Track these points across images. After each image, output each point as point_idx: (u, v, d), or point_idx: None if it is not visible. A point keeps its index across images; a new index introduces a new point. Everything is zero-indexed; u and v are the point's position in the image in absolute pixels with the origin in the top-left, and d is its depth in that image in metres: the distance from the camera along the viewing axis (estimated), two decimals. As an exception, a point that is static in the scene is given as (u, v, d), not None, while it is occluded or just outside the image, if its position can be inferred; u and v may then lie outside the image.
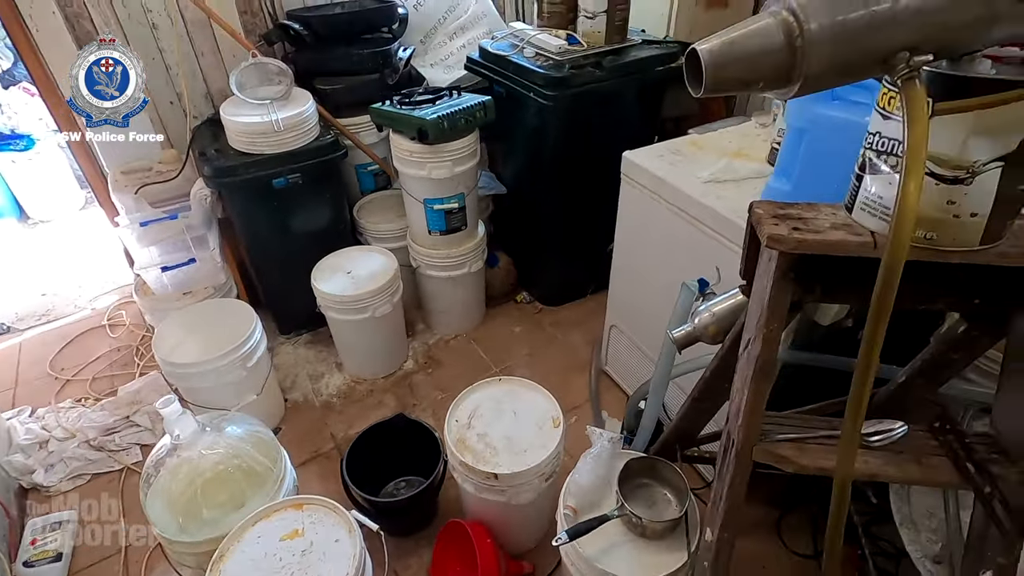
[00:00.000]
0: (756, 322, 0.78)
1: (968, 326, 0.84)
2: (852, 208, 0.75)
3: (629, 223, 1.72)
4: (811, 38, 0.55)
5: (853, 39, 0.55)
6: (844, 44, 0.55)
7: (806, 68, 0.56)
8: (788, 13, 0.56)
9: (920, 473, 0.78)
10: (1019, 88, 0.58)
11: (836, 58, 0.56)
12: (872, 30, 0.55)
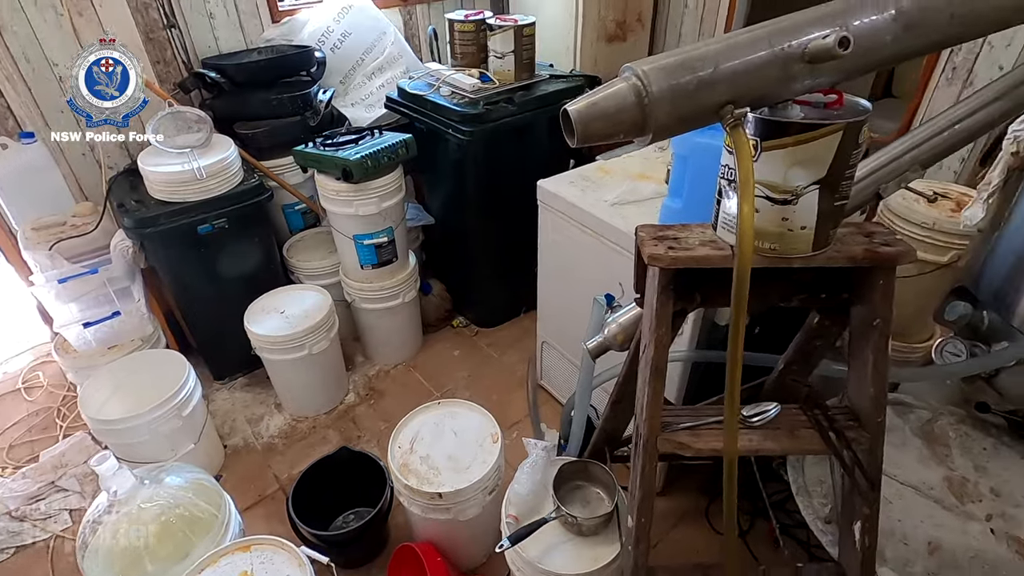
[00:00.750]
0: (648, 329, 0.91)
1: (821, 317, 1.01)
2: (716, 226, 0.89)
3: (549, 245, 1.85)
4: (654, 98, 0.68)
5: (687, 98, 0.69)
6: (681, 101, 0.69)
7: (654, 121, 0.69)
8: (636, 79, 0.69)
9: (792, 444, 0.93)
10: (821, 128, 0.74)
11: (676, 112, 0.69)
12: (700, 90, 0.69)
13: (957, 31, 0.76)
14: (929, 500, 1.23)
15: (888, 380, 0.92)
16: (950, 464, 1.31)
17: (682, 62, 0.69)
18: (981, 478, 1.28)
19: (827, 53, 0.68)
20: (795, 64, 0.70)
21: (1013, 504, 1.22)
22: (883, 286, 0.87)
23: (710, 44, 0.71)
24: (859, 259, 0.84)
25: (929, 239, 1.67)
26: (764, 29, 0.71)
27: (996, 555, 1.13)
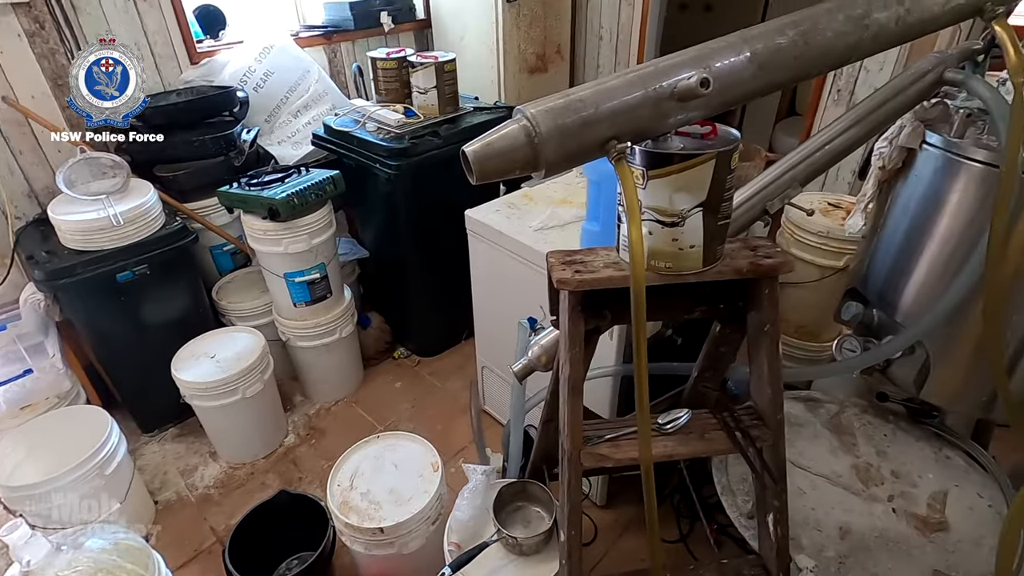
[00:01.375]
0: (563, 349, 0.96)
1: (722, 326, 1.09)
2: (619, 249, 0.96)
3: (481, 272, 1.90)
4: (543, 138, 0.74)
5: (572, 136, 0.75)
6: (567, 139, 0.75)
7: (544, 159, 0.75)
8: (526, 120, 0.75)
9: (704, 447, 1.00)
10: (698, 157, 0.83)
11: (564, 149, 0.76)
12: (584, 129, 0.75)
13: (804, 69, 0.87)
14: (839, 488, 1.34)
15: (782, 380, 1.01)
16: (856, 452, 1.42)
17: (567, 104, 0.76)
18: (883, 462, 1.40)
19: (692, 92, 0.76)
20: (666, 102, 0.78)
21: (910, 484, 1.34)
22: (769, 294, 0.96)
23: (592, 87, 0.78)
24: (745, 271, 0.92)
25: (826, 246, 1.83)
26: (638, 72, 0.79)
27: (898, 532, 1.23)
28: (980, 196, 1.16)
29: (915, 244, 1.31)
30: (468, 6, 2.78)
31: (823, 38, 0.85)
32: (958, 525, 1.24)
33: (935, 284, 1.27)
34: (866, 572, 1.15)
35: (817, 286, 1.87)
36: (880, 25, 0.88)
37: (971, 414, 1.49)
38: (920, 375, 1.35)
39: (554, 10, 2.90)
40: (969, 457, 1.40)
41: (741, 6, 4.26)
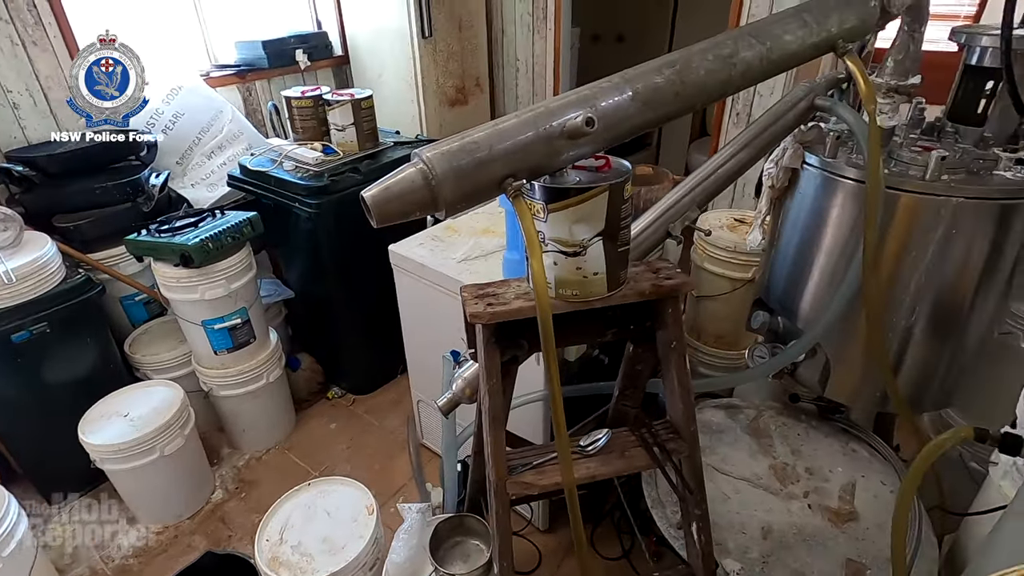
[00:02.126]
0: (482, 381, 0.98)
1: (635, 346, 1.14)
2: (529, 280, 0.99)
3: (408, 306, 1.89)
4: (440, 179, 0.76)
5: (468, 176, 0.78)
6: (463, 180, 0.78)
7: (443, 199, 0.77)
8: (423, 164, 0.77)
9: (624, 464, 1.03)
10: (592, 190, 0.87)
11: (461, 190, 0.78)
12: (479, 169, 0.78)
13: (684, 103, 0.94)
14: (760, 489, 1.41)
15: (693, 393, 1.06)
16: (773, 453, 1.51)
17: (461, 146, 0.79)
18: (798, 461, 1.48)
19: (579, 130, 0.81)
20: (557, 140, 0.83)
21: (823, 479, 1.43)
22: (672, 313, 1.01)
23: (487, 128, 0.82)
24: (647, 293, 0.97)
25: (734, 259, 1.95)
26: (530, 113, 0.83)
27: (814, 526, 1.31)
28: (855, 210, 1.27)
29: (806, 255, 1.42)
30: (385, 42, 2.82)
31: (697, 76, 0.92)
32: (865, 513, 1.33)
33: (826, 291, 1.38)
34: (787, 569, 1.21)
35: (730, 298, 1.99)
36: (747, 63, 0.97)
37: (871, 409, 1.61)
38: (823, 375, 1.45)
39: (470, 44, 2.98)
40: (872, 448, 1.51)
41: (650, 37, 4.53)
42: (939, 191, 1.15)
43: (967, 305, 1.28)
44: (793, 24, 1.00)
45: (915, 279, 1.25)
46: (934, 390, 1.41)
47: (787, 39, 1.00)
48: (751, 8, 2.37)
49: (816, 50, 1.05)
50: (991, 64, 1.21)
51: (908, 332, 1.32)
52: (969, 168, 1.18)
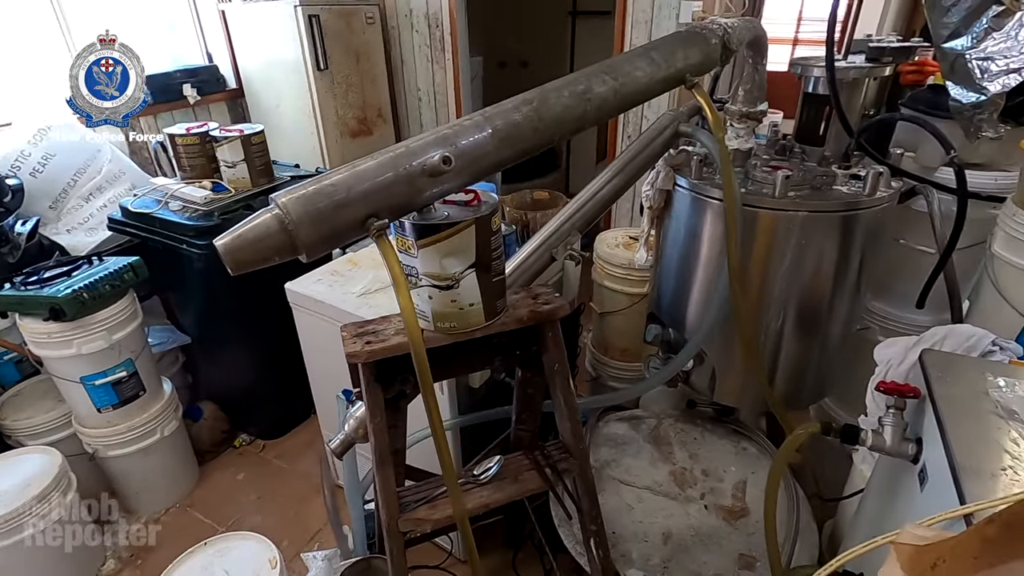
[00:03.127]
0: (368, 421, 0.96)
1: (523, 371, 1.17)
2: (408, 315, 0.99)
3: (310, 344, 1.84)
4: (297, 224, 0.76)
5: (328, 219, 0.78)
6: (323, 223, 0.78)
7: (302, 243, 0.77)
8: (278, 209, 0.76)
9: (517, 490, 1.05)
10: (458, 225, 0.89)
11: (320, 232, 0.78)
12: (339, 211, 0.79)
13: (544, 138, 0.98)
14: (660, 496, 1.46)
15: (578, 412, 1.10)
16: (673, 459, 1.58)
17: (318, 190, 0.79)
18: (695, 464, 1.56)
19: (438, 169, 0.83)
20: (420, 179, 0.84)
21: (717, 480, 1.51)
22: (552, 337, 1.05)
23: (345, 170, 0.82)
24: (526, 320, 1.00)
25: (630, 276, 2.04)
26: (390, 154, 0.85)
27: (710, 526, 1.37)
28: (722, 226, 1.38)
29: (686, 270, 1.51)
30: (280, 74, 2.77)
31: (554, 112, 0.97)
32: (755, 508, 1.42)
33: (706, 302, 1.47)
34: (686, 571, 1.27)
35: (630, 312, 2.08)
36: (602, 98, 1.03)
37: (757, 408, 1.73)
38: (711, 381, 1.54)
39: (369, 75, 2.98)
40: (760, 446, 1.62)
41: (552, 62, 4.72)
42: (787, 207, 1.26)
43: (826, 306, 1.41)
44: (642, 61, 1.08)
45: (778, 285, 1.37)
46: (808, 385, 1.53)
47: (637, 75, 1.08)
48: (632, 37, 2.53)
49: (666, 84, 1.14)
50: (825, 92, 1.36)
51: (779, 334, 1.43)
52: (812, 184, 1.31)
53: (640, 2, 2.40)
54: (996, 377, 0.87)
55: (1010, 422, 0.80)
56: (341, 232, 0.81)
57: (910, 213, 1.47)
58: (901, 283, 1.62)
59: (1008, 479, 0.71)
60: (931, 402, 0.85)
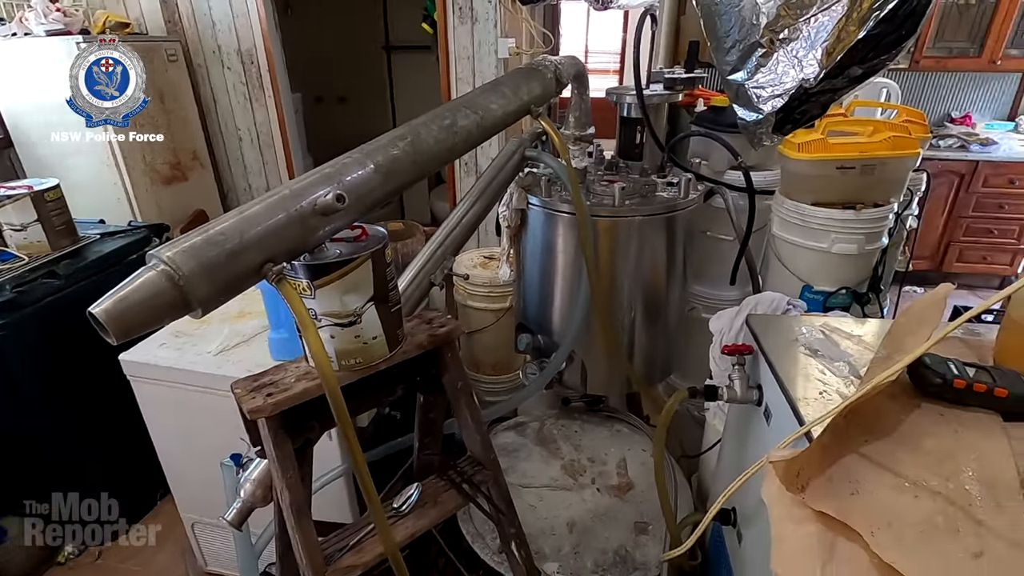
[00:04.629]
0: (277, 477, 0.91)
1: (424, 396, 1.19)
2: (307, 359, 0.97)
3: (158, 418, 1.63)
4: (189, 278, 0.71)
5: (222, 269, 0.75)
6: (217, 274, 0.74)
7: (196, 298, 0.72)
8: (164, 264, 0.71)
9: (440, 512, 1.06)
10: (355, 261, 0.90)
11: (216, 284, 0.74)
12: (233, 259, 0.75)
13: (422, 169, 1.04)
14: (558, 490, 1.57)
15: (485, 424, 1.15)
16: (561, 455, 1.70)
17: (207, 239, 0.75)
18: (581, 454, 1.70)
19: (331, 207, 0.84)
20: (311, 219, 0.84)
21: (603, 463, 1.66)
22: (452, 357, 1.09)
23: (232, 217, 0.79)
24: (426, 345, 1.04)
25: (492, 293, 2.16)
26: (277, 196, 0.83)
27: (605, 505, 1.52)
28: (574, 236, 1.55)
29: (547, 279, 1.66)
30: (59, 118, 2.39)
31: (428, 146, 1.04)
32: (638, 480, 1.60)
33: (569, 306, 1.63)
34: (594, 550, 1.39)
35: (496, 327, 2.19)
36: (467, 131, 1.12)
37: (622, 392, 1.95)
38: (583, 376, 1.71)
39: (177, 116, 2.73)
40: (631, 425, 1.83)
41: (372, 97, 4.73)
42: (625, 214, 1.47)
43: (664, 293, 1.65)
44: (495, 95, 1.20)
45: (626, 282, 1.57)
46: (659, 364, 1.78)
47: (493, 108, 1.19)
48: (457, 71, 2.69)
49: (517, 115, 1.27)
50: (637, 115, 1.61)
51: (632, 324, 1.64)
52: (640, 193, 1.54)
53: (461, 39, 2.57)
54: (799, 327, 1.13)
55: (815, 359, 1.04)
56: (237, 281, 0.77)
57: (711, 210, 1.80)
58: (712, 267, 1.96)
59: (825, 400, 0.93)
60: (762, 354, 1.08)
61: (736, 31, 0.99)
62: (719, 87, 1.64)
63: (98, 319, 0.67)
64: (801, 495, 0.76)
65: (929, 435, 0.84)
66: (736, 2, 0.95)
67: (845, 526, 0.71)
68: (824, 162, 1.48)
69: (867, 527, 0.70)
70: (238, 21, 2.74)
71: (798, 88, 0.98)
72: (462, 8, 2.49)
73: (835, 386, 0.96)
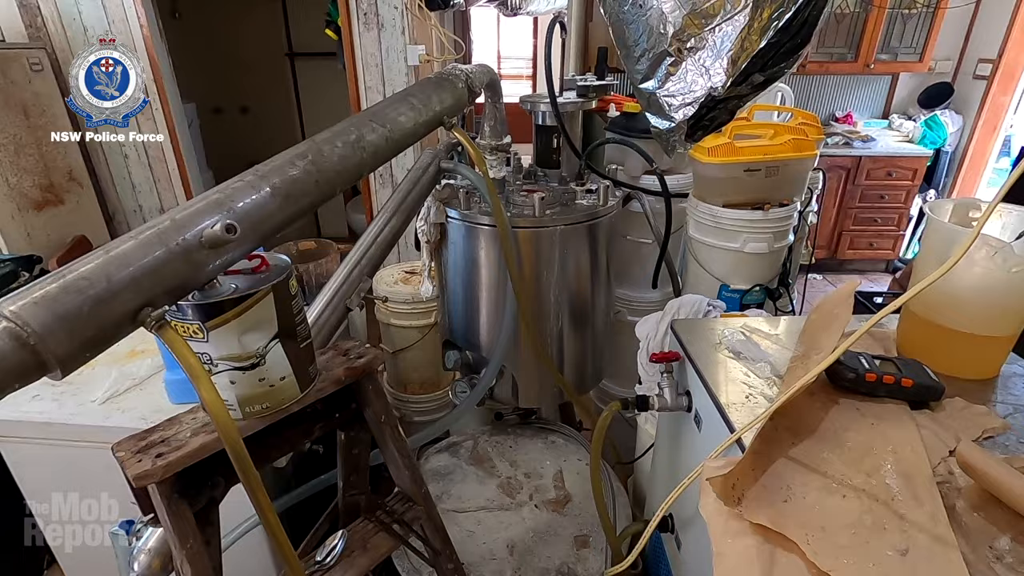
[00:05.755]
0: (176, 548, 0.80)
1: (345, 432, 1.10)
2: (205, 408, 0.86)
3: (36, 482, 1.42)
4: (42, 335, 0.59)
5: (88, 320, 0.63)
6: (82, 326, 0.63)
7: (54, 356, 0.61)
8: (8, 322, 0.59)
9: (371, 558, 0.99)
10: (254, 295, 0.81)
11: (80, 338, 0.63)
12: (100, 307, 0.64)
13: (328, 189, 0.95)
14: (496, 511, 1.52)
15: (414, 457, 1.08)
16: (497, 472, 1.65)
17: (65, 286, 0.63)
18: (517, 470, 1.66)
19: (220, 239, 0.74)
20: (198, 253, 0.74)
21: (539, 477, 1.63)
22: (373, 389, 1.02)
23: (97, 257, 0.68)
24: (344, 380, 0.96)
25: (416, 310, 2.08)
26: (154, 230, 0.72)
27: (545, 522, 1.48)
28: (496, 248, 1.51)
29: (471, 293, 1.61)
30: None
31: (331, 163, 0.95)
32: (576, 491, 1.58)
33: (495, 319, 1.59)
34: (537, 570, 1.35)
35: (422, 344, 2.11)
36: (375, 145, 1.05)
37: (553, 404, 1.93)
38: (514, 390, 1.67)
39: (47, 133, 2.43)
40: (565, 435, 1.81)
41: (277, 106, 4.47)
42: (547, 223, 1.45)
43: (589, 301, 1.64)
44: (404, 107, 1.13)
45: (552, 292, 1.55)
46: (589, 371, 1.77)
47: (402, 120, 1.12)
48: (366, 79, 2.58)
49: (428, 127, 1.21)
50: (552, 123, 1.60)
51: (560, 333, 1.62)
52: (560, 202, 1.53)
53: (368, 46, 2.46)
54: (722, 329, 1.14)
55: (738, 361, 1.06)
56: (107, 333, 0.66)
57: (629, 214, 1.82)
58: (633, 270, 1.99)
59: (751, 403, 0.94)
60: (689, 360, 1.08)
61: (645, 40, 0.98)
62: (631, 92, 1.66)
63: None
64: (738, 508, 0.75)
65: (850, 430, 0.87)
66: (643, 12, 0.95)
67: (782, 536, 0.71)
68: (732, 165, 1.53)
69: (802, 535, 0.70)
70: (115, 27, 2.48)
71: (707, 96, 0.98)
72: (367, 14, 2.38)
73: (759, 388, 0.98)
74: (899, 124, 4.28)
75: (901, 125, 4.26)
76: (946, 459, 0.82)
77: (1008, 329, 0.98)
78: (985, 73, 4.01)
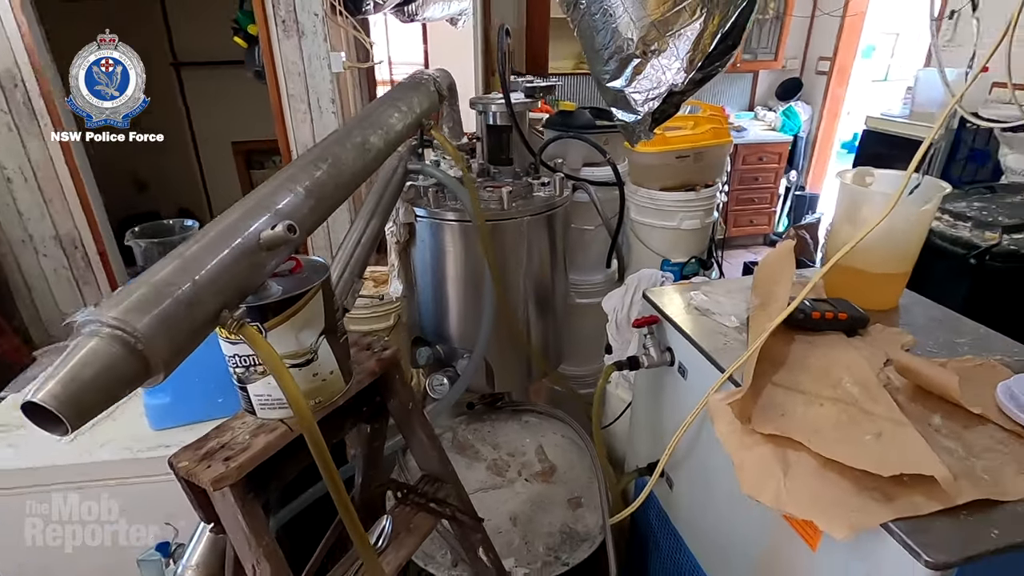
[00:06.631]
0: (249, 549, 0.81)
1: (371, 426, 1.14)
2: (255, 411, 0.87)
3: None
4: (148, 339, 0.61)
5: (181, 321, 0.65)
6: (177, 329, 0.64)
7: (158, 360, 0.62)
8: (113, 328, 0.60)
9: (417, 538, 1.04)
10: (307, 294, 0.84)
11: (178, 338, 0.64)
12: (191, 310, 0.66)
13: (344, 193, 1.00)
14: (490, 490, 1.61)
15: (438, 439, 1.15)
16: (482, 457, 1.74)
17: (155, 292, 0.64)
18: (500, 452, 1.76)
19: (281, 239, 0.77)
20: (257, 255, 0.77)
21: (523, 454, 1.74)
22: (400, 379, 1.07)
23: (169, 264, 0.69)
24: (377, 371, 1.00)
25: (375, 313, 2.09)
26: (211, 235, 0.74)
27: (538, 493, 1.59)
28: (465, 243, 1.59)
29: (441, 289, 1.68)
30: None
31: (347, 166, 1.00)
32: (559, 462, 1.70)
33: (468, 313, 1.67)
34: (542, 534, 1.46)
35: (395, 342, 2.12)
36: (376, 148, 1.10)
37: (523, 386, 2.04)
38: (489, 377, 1.76)
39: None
40: (537, 413, 1.93)
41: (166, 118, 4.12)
42: (513, 215, 1.56)
43: (551, 287, 1.78)
44: (393, 111, 1.19)
45: (521, 280, 1.67)
46: (554, 352, 1.91)
47: (393, 122, 1.18)
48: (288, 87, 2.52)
49: (412, 129, 1.27)
50: (504, 122, 1.70)
51: (526, 320, 1.74)
52: (520, 195, 1.64)
53: (289, 55, 2.39)
54: (687, 293, 1.32)
55: (709, 316, 1.24)
56: (197, 336, 0.68)
57: (573, 204, 1.98)
58: (578, 255, 2.15)
59: (730, 349, 1.12)
60: (669, 321, 1.25)
61: (612, 44, 1.13)
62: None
63: (49, 408, 0.54)
64: (749, 425, 0.92)
65: (809, 357, 1.07)
66: (612, 20, 1.09)
67: (789, 440, 0.88)
68: (666, 153, 1.73)
69: (805, 436, 0.87)
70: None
71: (668, 91, 1.15)
72: (285, 21, 2.32)
73: (732, 336, 1.16)
74: (763, 115, 4.89)
75: (765, 116, 4.87)
76: (883, 368, 1.05)
77: (903, 267, 1.25)
78: (825, 69, 4.71)
